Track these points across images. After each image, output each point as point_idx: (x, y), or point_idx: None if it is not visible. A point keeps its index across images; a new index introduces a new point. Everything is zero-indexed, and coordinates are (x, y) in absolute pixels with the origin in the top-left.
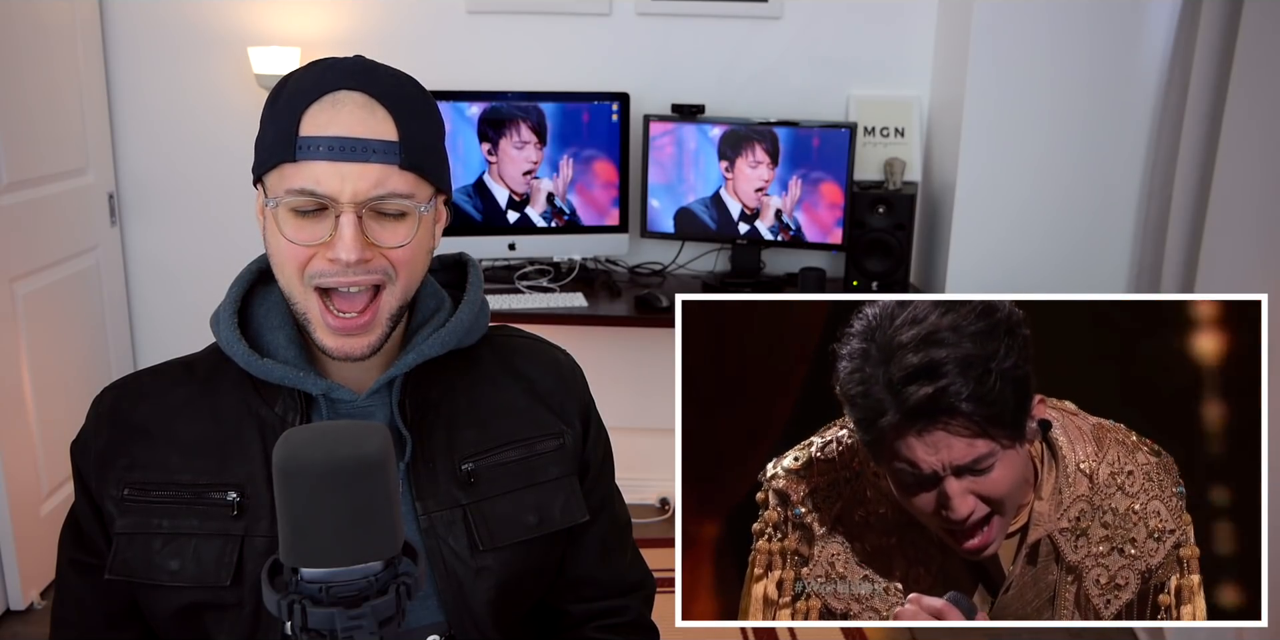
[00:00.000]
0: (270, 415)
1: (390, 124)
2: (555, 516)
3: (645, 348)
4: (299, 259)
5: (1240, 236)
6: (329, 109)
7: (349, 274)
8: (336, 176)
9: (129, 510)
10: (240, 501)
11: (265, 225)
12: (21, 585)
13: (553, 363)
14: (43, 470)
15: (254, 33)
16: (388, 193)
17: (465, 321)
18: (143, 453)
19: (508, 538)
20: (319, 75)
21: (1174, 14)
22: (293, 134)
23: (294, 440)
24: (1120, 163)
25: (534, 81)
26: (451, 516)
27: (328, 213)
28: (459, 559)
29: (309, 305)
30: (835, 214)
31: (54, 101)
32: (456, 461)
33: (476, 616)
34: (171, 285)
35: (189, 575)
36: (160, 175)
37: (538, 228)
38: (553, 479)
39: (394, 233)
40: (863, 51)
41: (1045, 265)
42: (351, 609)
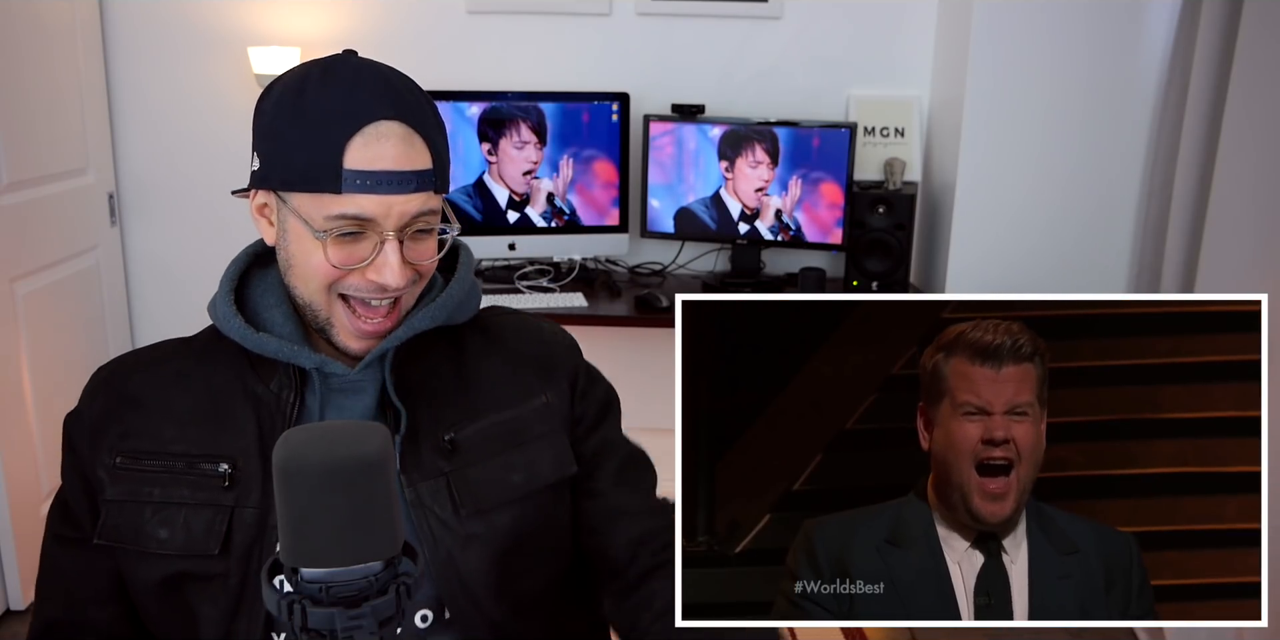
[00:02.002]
0: (265, 392)
1: (426, 153)
2: (544, 472)
3: (645, 348)
4: (333, 277)
5: (1240, 236)
6: (373, 143)
7: (386, 292)
8: (383, 207)
9: (120, 478)
10: (231, 473)
11: (291, 239)
12: (21, 585)
13: (535, 330)
14: (43, 470)
15: (254, 33)
16: (425, 215)
17: (456, 296)
18: (136, 421)
19: (493, 499)
20: (351, 99)
21: (1174, 14)
22: (337, 166)
23: (294, 440)
24: (1120, 163)
25: (534, 81)
26: (435, 485)
27: (367, 236)
28: (446, 527)
29: (334, 311)
30: (835, 214)
31: (54, 101)
32: (440, 433)
33: (469, 588)
34: (171, 285)
35: (177, 543)
36: (160, 175)
37: (538, 228)
38: (539, 436)
39: (426, 248)
40: (863, 51)
41: (1045, 265)
42: (351, 609)
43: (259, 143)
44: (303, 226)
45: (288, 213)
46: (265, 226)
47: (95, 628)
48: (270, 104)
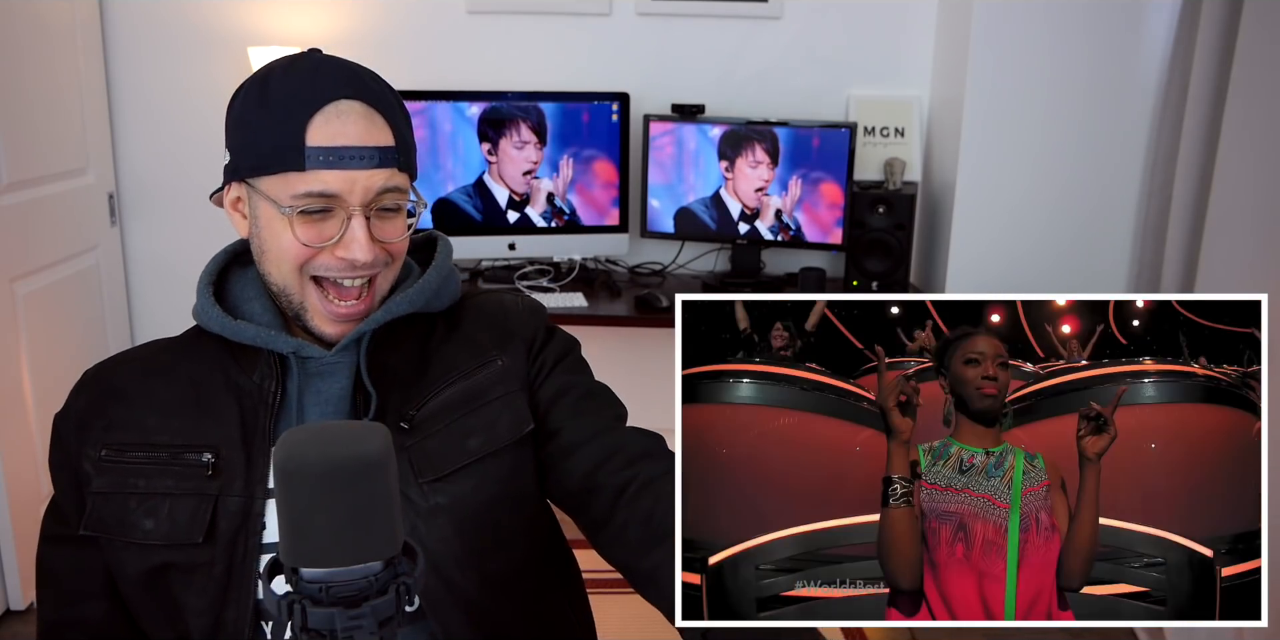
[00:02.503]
0: (248, 382)
1: (388, 130)
2: (501, 433)
3: (645, 348)
4: (303, 256)
5: (1240, 236)
6: (334, 120)
7: (356, 270)
8: (346, 182)
9: (106, 470)
10: (215, 462)
11: (262, 224)
12: (21, 585)
13: (496, 302)
14: (42, 470)
15: (254, 33)
16: (390, 192)
17: (432, 283)
18: (120, 413)
19: (450, 465)
20: (312, 83)
21: (1174, 14)
22: (299, 144)
23: (293, 440)
24: (1120, 163)
25: (534, 81)
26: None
27: (334, 213)
28: (408, 500)
29: (306, 295)
30: (835, 214)
31: (54, 101)
32: (404, 414)
33: (439, 562)
34: (171, 285)
35: (162, 533)
36: (160, 175)
37: (538, 228)
38: (495, 399)
39: (394, 227)
40: (863, 51)
41: (1045, 265)
42: (351, 609)
43: (228, 137)
44: (272, 208)
45: (258, 199)
46: (239, 220)
47: (89, 623)
48: (238, 100)
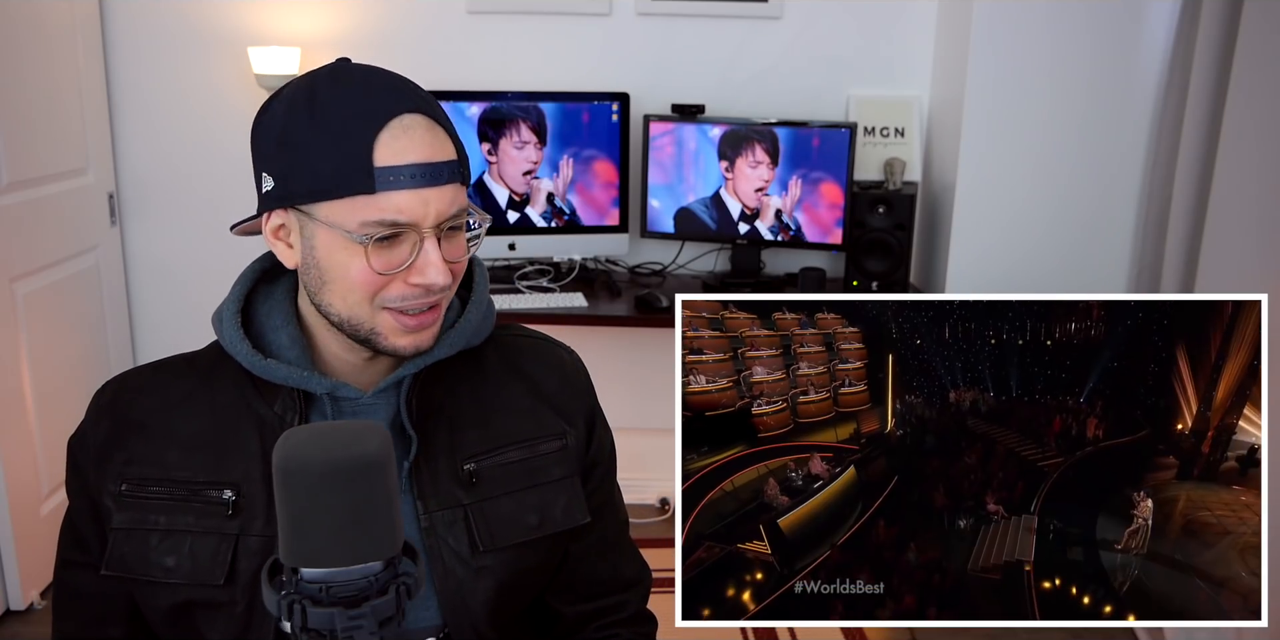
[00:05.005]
0: (269, 413)
1: (449, 143)
2: (557, 517)
3: (645, 348)
4: (377, 285)
5: (1240, 236)
6: (400, 136)
7: (430, 295)
8: (420, 203)
9: (126, 506)
10: (235, 500)
11: (321, 254)
12: (21, 585)
13: (557, 363)
14: (43, 470)
15: (254, 33)
16: (459, 210)
17: (473, 322)
18: (140, 448)
19: (509, 538)
20: (370, 98)
21: (1174, 14)
22: (367, 164)
23: (293, 440)
24: (1120, 162)
25: (534, 81)
26: (452, 516)
27: (405, 236)
28: (459, 559)
29: (378, 323)
30: (835, 214)
31: (54, 101)
32: (459, 461)
33: (474, 616)
34: (171, 285)
35: (183, 572)
36: (160, 175)
37: (538, 228)
38: (555, 480)
39: (459, 246)
40: (863, 51)
41: (1045, 265)
42: (351, 609)
43: (269, 162)
44: (336, 236)
45: (315, 227)
46: (284, 250)
47: None
48: (277, 119)
